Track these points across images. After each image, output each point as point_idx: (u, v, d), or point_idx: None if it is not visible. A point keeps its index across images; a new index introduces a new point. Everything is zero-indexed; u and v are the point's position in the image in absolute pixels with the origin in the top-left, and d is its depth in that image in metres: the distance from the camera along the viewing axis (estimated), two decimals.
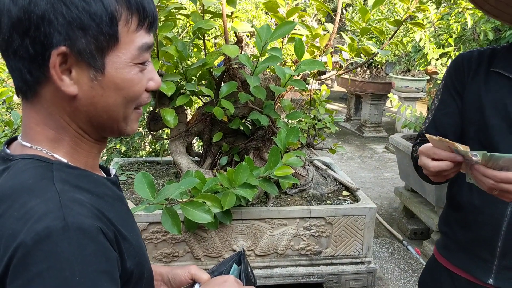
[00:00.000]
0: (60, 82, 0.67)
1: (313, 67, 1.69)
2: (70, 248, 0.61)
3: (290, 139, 1.75)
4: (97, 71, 0.68)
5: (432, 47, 3.56)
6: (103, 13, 0.65)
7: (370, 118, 7.23)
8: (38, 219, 0.61)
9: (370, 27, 1.92)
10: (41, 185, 0.66)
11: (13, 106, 3.74)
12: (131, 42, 0.69)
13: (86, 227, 0.63)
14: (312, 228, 1.84)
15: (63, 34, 0.64)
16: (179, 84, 1.92)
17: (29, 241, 0.59)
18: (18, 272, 0.59)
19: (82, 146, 0.76)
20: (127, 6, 0.68)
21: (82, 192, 0.69)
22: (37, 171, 0.68)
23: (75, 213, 0.63)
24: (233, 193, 1.67)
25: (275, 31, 1.61)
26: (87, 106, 0.70)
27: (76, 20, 0.64)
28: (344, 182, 2.09)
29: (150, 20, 0.71)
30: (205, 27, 1.75)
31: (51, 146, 0.72)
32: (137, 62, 0.71)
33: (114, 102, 0.71)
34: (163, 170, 2.30)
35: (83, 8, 0.64)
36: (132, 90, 0.72)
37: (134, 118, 0.77)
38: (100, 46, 0.66)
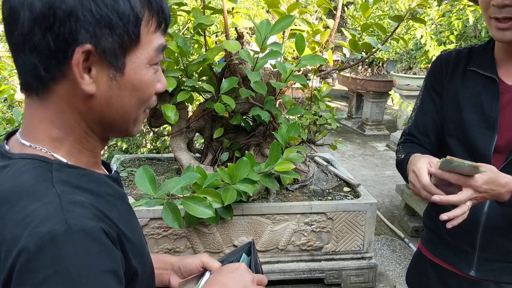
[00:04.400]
0: (81, 80, 0.66)
1: (314, 62, 1.69)
2: (75, 251, 0.60)
3: (291, 134, 1.75)
4: (117, 70, 0.68)
5: (434, 44, 3.56)
6: (130, 12, 0.66)
7: (372, 116, 7.22)
8: (39, 223, 0.60)
9: (371, 23, 1.92)
10: (41, 188, 0.65)
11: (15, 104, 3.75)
12: (149, 43, 0.70)
13: (89, 229, 0.63)
14: (313, 223, 1.84)
15: (90, 31, 0.64)
16: (180, 80, 1.92)
17: (32, 246, 0.59)
18: (23, 278, 0.59)
19: (86, 146, 0.75)
20: (148, 8, 0.69)
21: (82, 193, 0.68)
22: (36, 172, 0.67)
23: (77, 215, 0.63)
24: (234, 189, 1.67)
25: (275, 25, 1.61)
26: (102, 105, 0.70)
27: (104, 18, 0.64)
28: (345, 178, 2.09)
29: (166, 23, 0.73)
30: (206, 22, 1.75)
31: (52, 146, 0.72)
32: (153, 63, 0.72)
33: (129, 102, 0.72)
34: (164, 167, 2.30)
35: (112, 6, 0.65)
36: (147, 91, 0.73)
37: (142, 119, 0.78)
38: (123, 45, 0.67)
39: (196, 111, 2.07)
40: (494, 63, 1.29)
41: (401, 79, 6.06)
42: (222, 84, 1.84)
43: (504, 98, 1.27)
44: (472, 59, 1.34)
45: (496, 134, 1.26)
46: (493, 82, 1.28)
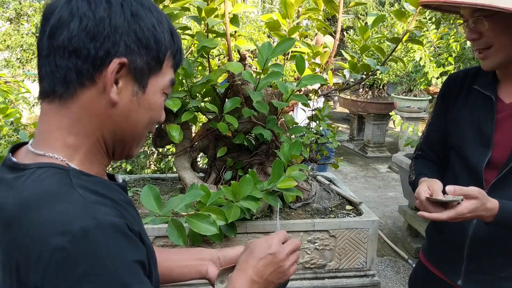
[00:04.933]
0: (110, 88, 0.74)
1: (314, 82, 1.74)
2: (108, 244, 0.65)
3: (293, 152, 1.79)
4: (140, 88, 0.78)
5: (433, 66, 3.63)
6: (163, 42, 0.78)
7: (373, 138, 7.26)
8: (70, 222, 0.65)
9: (370, 45, 1.97)
10: (64, 191, 0.70)
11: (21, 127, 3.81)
12: (166, 74, 0.81)
13: (117, 223, 0.68)
14: (316, 241, 1.86)
15: (130, 47, 0.74)
16: (184, 100, 1.97)
17: (66, 244, 0.62)
18: (60, 276, 0.62)
19: (97, 156, 0.80)
20: (171, 46, 0.80)
21: (99, 197, 0.72)
22: (56, 178, 0.71)
23: (103, 213, 0.68)
24: (237, 206, 1.70)
25: (276, 48, 1.67)
26: (120, 116, 0.78)
27: (145, 39, 0.75)
28: (347, 196, 2.11)
29: (179, 62, 0.85)
30: (210, 45, 1.81)
31: (66, 154, 0.76)
32: (165, 92, 0.82)
33: (142, 119, 0.81)
34: (169, 186, 2.33)
35: (152, 32, 0.76)
36: (157, 113, 0.83)
37: (142, 142, 0.88)
38: (151, 67, 0.78)
39: (200, 131, 2.11)
40: (495, 82, 1.35)
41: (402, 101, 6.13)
42: (225, 104, 1.89)
43: (500, 116, 1.32)
44: (477, 78, 1.41)
45: (490, 150, 1.31)
46: (490, 100, 1.34)
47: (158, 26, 0.77)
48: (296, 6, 1.81)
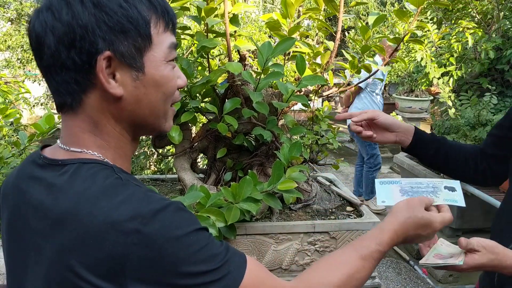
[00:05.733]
0: (108, 85, 0.73)
1: (315, 82, 1.72)
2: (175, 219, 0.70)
3: (293, 153, 1.77)
4: (138, 71, 0.76)
5: (434, 66, 3.61)
6: (139, 16, 0.74)
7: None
8: (136, 208, 0.68)
9: (371, 45, 1.96)
10: (118, 183, 0.72)
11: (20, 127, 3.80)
12: (162, 42, 0.78)
13: (175, 202, 0.73)
14: (316, 243, 1.84)
15: (107, 39, 0.72)
16: (184, 101, 1.95)
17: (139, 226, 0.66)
18: (142, 255, 0.65)
19: (124, 151, 0.82)
20: (154, 11, 0.76)
21: None
22: (105, 173, 0.74)
23: (160, 198, 0.72)
24: (237, 208, 1.68)
25: (276, 47, 1.65)
26: (132, 104, 0.77)
27: (117, 25, 0.72)
28: (348, 197, 2.10)
29: (173, 22, 0.81)
30: (209, 45, 1.80)
31: (100, 152, 0.78)
32: (169, 60, 0.79)
33: (156, 98, 0.79)
34: (168, 187, 2.32)
35: (122, 13, 0.72)
36: (170, 85, 0.80)
37: (171, 115, 0.86)
38: (138, 47, 0.75)
39: (199, 131, 2.10)
40: None
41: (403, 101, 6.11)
42: (225, 104, 1.87)
43: None
44: None
45: None
46: None
47: (126, 3, 0.73)
48: (296, 5, 1.80)
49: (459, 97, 3.66)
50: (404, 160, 4.26)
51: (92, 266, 0.64)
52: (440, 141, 1.42)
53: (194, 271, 0.68)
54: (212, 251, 0.71)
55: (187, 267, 0.68)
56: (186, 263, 0.68)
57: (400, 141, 1.38)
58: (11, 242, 0.78)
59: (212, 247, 0.72)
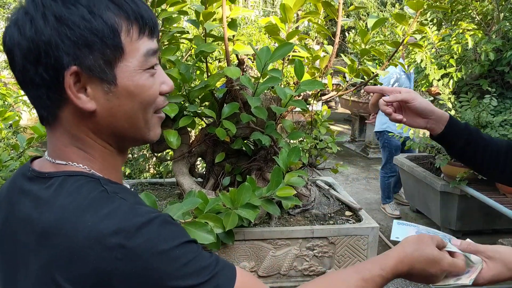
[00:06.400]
0: (78, 100, 0.70)
1: (313, 87, 1.72)
2: (160, 232, 0.68)
3: (291, 158, 1.77)
4: (110, 83, 0.71)
5: (434, 68, 3.59)
6: (104, 27, 0.69)
7: (375, 140, 7.22)
8: (119, 222, 0.66)
9: (370, 49, 1.95)
10: (103, 196, 0.70)
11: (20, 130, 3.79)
12: (136, 50, 0.73)
13: (162, 215, 0.70)
14: (315, 248, 1.84)
15: (71, 54, 0.68)
16: (182, 105, 1.95)
17: (123, 241, 0.64)
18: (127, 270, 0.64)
19: (110, 160, 0.79)
20: (125, 17, 0.71)
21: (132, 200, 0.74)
22: (91, 185, 0.72)
23: (147, 210, 0.70)
24: (235, 213, 1.67)
25: (275, 52, 1.64)
26: (108, 118, 0.74)
27: (80, 39, 0.68)
28: (347, 202, 2.09)
29: (150, 26, 0.75)
30: (207, 50, 1.79)
31: (85, 164, 0.76)
32: (146, 68, 0.74)
33: (132, 109, 0.74)
34: (167, 192, 2.31)
35: (85, 26, 0.68)
36: (147, 94, 0.75)
37: (156, 123, 0.80)
38: (107, 59, 0.70)
39: (198, 136, 2.09)
40: None
41: None
42: (223, 109, 1.87)
43: None
44: None
45: None
46: None
47: (91, 14, 0.68)
48: (295, 10, 1.79)
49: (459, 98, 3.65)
50: (404, 162, 4.26)
51: (77, 282, 0.64)
52: (473, 134, 1.31)
53: (182, 285, 0.67)
54: (200, 264, 0.69)
55: (174, 281, 0.66)
56: (173, 278, 0.66)
57: (430, 128, 1.26)
58: (1, 254, 0.77)
59: (200, 259, 0.70)
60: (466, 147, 1.30)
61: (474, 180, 3.55)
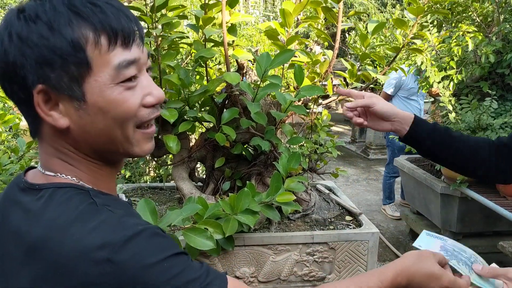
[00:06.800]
0: (48, 118, 0.70)
1: (313, 93, 1.71)
2: (148, 246, 0.67)
3: (291, 164, 1.76)
4: (79, 100, 0.69)
5: (434, 70, 3.58)
6: (64, 43, 0.66)
7: (375, 140, 7.23)
8: (106, 235, 0.65)
9: (370, 53, 1.94)
10: (92, 209, 0.69)
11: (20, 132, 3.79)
12: (106, 63, 0.68)
13: (150, 228, 0.70)
14: (315, 253, 1.83)
15: (35, 73, 0.67)
16: (181, 110, 1.94)
17: (109, 255, 0.63)
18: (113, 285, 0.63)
19: (98, 172, 0.78)
20: (92, 29, 0.67)
21: (121, 212, 0.73)
22: (80, 197, 0.71)
23: (134, 223, 0.69)
24: (235, 219, 1.67)
25: (275, 59, 1.64)
26: (82, 134, 0.72)
27: (39, 57, 0.66)
28: (347, 206, 2.08)
29: (124, 36, 0.70)
30: (207, 55, 1.79)
31: (73, 175, 0.75)
32: (119, 81, 0.69)
33: (105, 125, 0.71)
34: (166, 196, 2.31)
35: (43, 44, 0.66)
36: (119, 110, 0.71)
37: (141, 138, 0.76)
38: (72, 75, 0.68)
39: (197, 140, 2.09)
40: None
41: None
42: (223, 114, 1.86)
43: None
44: None
45: None
46: None
47: (50, 30, 0.66)
48: (294, 15, 1.78)
49: (460, 101, 3.64)
50: (405, 164, 4.25)
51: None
52: (440, 132, 1.31)
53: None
54: (190, 276, 0.69)
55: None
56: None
57: (396, 130, 1.28)
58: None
59: (189, 271, 0.69)
60: (433, 146, 1.30)
61: (474, 183, 3.54)
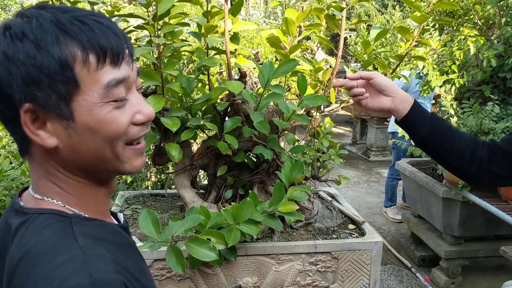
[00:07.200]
0: (36, 137, 0.68)
1: (316, 102, 1.70)
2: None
3: (294, 174, 1.75)
4: (67, 119, 0.67)
5: (436, 74, 3.58)
6: (51, 62, 0.65)
7: (376, 142, 7.22)
8: (66, 278, 0.62)
9: (373, 60, 1.94)
10: (64, 242, 0.67)
11: None
12: (95, 82, 0.67)
13: (112, 282, 0.64)
14: (318, 263, 1.83)
15: (22, 91, 0.66)
16: (184, 118, 1.94)
17: None
18: None
19: (87, 194, 0.75)
20: (80, 47, 0.66)
21: (103, 244, 0.69)
22: (57, 226, 0.69)
23: (100, 269, 0.64)
24: (237, 229, 1.67)
25: (278, 69, 1.63)
26: (71, 154, 0.71)
27: (26, 76, 0.65)
28: (350, 215, 2.08)
29: (112, 54, 0.69)
30: (209, 64, 1.78)
31: (61, 199, 0.73)
32: (109, 100, 0.69)
33: (95, 144, 0.70)
34: (168, 203, 2.30)
35: (29, 63, 0.65)
36: (109, 129, 0.70)
37: (131, 155, 0.75)
38: (60, 94, 0.66)
39: (199, 148, 2.08)
40: None
41: None
42: (225, 123, 1.85)
43: None
44: None
45: None
46: None
47: (37, 48, 0.65)
48: (297, 23, 1.77)
49: (461, 105, 3.63)
50: (406, 167, 4.24)
51: None
52: (439, 121, 1.26)
53: None
54: None
55: None
56: None
57: (395, 108, 1.23)
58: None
59: None
60: (432, 134, 1.24)
61: (476, 187, 3.53)
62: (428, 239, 4.00)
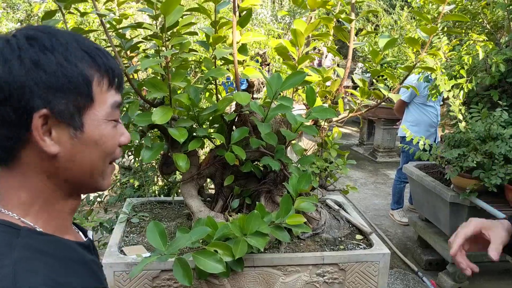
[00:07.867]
0: (43, 142, 0.71)
1: (325, 115, 1.70)
2: None
3: (301, 185, 1.75)
4: (77, 129, 0.73)
5: (444, 78, 3.55)
6: (79, 76, 0.72)
7: (383, 143, 7.19)
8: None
9: (382, 70, 1.93)
10: (1, 252, 0.68)
11: None
12: (105, 101, 0.76)
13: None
14: (325, 274, 1.82)
15: (44, 97, 0.69)
16: (191, 128, 1.93)
17: None
18: None
19: (55, 207, 0.78)
20: (97, 69, 0.74)
21: (42, 257, 0.71)
22: (2, 237, 0.71)
23: (27, 282, 0.66)
24: (245, 241, 1.67)
25: (286, 81, 1.63)
26: (68, 163, 0.75)
27: (55, 84, 0.70)
28: (357, 225, 2.07)
29: (118, 80, 0.79)
30: (217, 75, 1.78)
31: (21, 210, 0.75)
32: (111, 119, 0.77)
33: (94, 156, 0.77)
34: (175, 211, 2.30)
35: (62, 72, 0.70)
36: (109, 144, 0.78)
37: (109, 173, 0.83)
38: (78, 106, 0.72)
39: (206, 158, 2.08)
40: None
41: None
42: (233, 134, 1.85)
43: None
44: None
45: None
46: None
47: (67, 61, 0.71)
48: (306, 35, 1.77)
49: (470, 109, 3.61)
50: (413, 171, 4.22)
51: None
52: None
53: None
54: None
55: None
56: None
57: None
58: None
59: None
60: None
61: (484, 192, 3.51)
62: (435, 243, 3.98)
